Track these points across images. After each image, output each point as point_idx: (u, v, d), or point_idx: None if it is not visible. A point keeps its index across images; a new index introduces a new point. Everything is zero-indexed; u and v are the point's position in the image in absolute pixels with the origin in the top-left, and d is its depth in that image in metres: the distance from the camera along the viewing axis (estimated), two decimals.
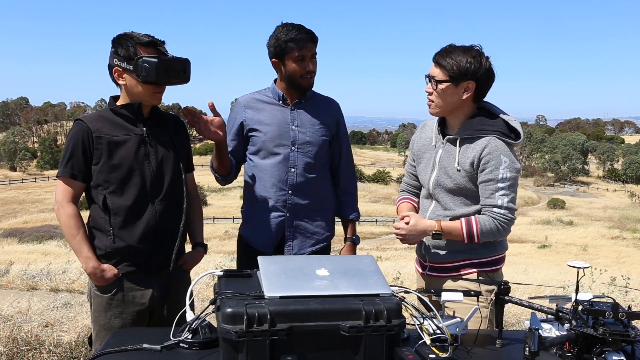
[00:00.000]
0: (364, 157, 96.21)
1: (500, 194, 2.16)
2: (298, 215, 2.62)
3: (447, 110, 2.26)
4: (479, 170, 2.19)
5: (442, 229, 2.20)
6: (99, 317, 2.25)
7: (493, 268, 2.27)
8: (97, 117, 2.24)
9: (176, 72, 2.17)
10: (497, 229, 2.17)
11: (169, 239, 2.28)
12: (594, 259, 25.60)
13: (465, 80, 2.18)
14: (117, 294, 2.23)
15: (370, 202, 53.75)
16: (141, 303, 2.25)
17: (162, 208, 2.25)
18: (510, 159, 2.17)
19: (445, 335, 1.61)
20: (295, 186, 2.58)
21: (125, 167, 2.20)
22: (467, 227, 2.18)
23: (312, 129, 2.60)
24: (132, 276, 2.24)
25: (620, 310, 1.53)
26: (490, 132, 2.19)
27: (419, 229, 2.23)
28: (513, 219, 2.20)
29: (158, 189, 2.25)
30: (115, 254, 2.22)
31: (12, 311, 4.71)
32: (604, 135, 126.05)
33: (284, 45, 2.48)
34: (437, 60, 2.21)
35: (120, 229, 2.21)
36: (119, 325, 2.22)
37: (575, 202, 63.79)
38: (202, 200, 34.57)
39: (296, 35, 2.46)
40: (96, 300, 2.26)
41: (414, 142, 2.48)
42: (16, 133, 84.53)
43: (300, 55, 2.48)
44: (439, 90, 2.21)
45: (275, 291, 1.55)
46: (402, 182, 2.61)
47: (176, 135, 2.35)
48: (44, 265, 9.67)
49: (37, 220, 38.71)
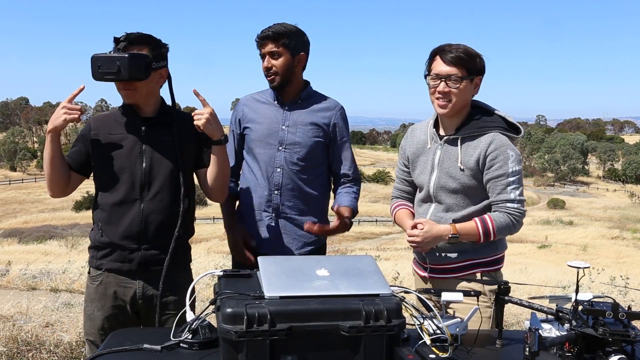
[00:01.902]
0: (364, 157, 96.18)
1: (512, 187, 2.17)
2: (284, 216, 2.58)
3: (459, 109, 2.24)
4: (485, 168, 2.18)
5: (457, 231, 2.17)
6: (87, 307, 2.32)
7: (495, 267, 2.27)
8: (104, 116, 2.35)
9: (111, 70, 2.11)
10: (512, 223, 2.17)
11: (158, 238, 2.25)
12: (594, 259, 25.58)
13: (477, 75, 2.21)
14: (100, 286, 2.28)
15: (370, 202, 53.72)
16: (121, 299, 2.27)
17: (152, 207, 2.24)
18: (515, 153, 2.18)
19: (445, 335, 1.62)
20: (280, 186, 2.56)
21: (116, 166, 2.24)
22: (483, 226, 2.17)
23: (302, 129, 2.56)
24: (115, 272, 2.27)
25: (620, 310, 1.53)
26: (492, 128, 2.19)
27: (434, 234, 2.18)
28: (525, 211, 2.21)
29: (148, 188, 2.25)
30: (102, 247, 2.27)
31: (12, 311, 4.72)
32: (604, 135, 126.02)
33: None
34: (449, 59, 2.17)
35: (106, 224, 2.26)
36: (101, 317, 2.27)
37: (575, 202, 63.77)
38: (202, 200, 34.79)
39: (258, 34, 2.53)
40: (87, 290, 2.34)
41: (404, 148, 2.45)
42: (16, 133, 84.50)
43: (261, 54, 2.55)
44: (461, 87, 2.18)
45: (275, 291, 1.55)
46: (394, 188, 2.56)
47: (183, 133, 2.30)
48: (44, 265, 9.66)
49: (37, 220, 38.66)
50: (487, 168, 2.18)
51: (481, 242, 2.19)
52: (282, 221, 2.60)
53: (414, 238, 2.20)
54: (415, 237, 2.19)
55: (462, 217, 2.23)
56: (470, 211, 2.23)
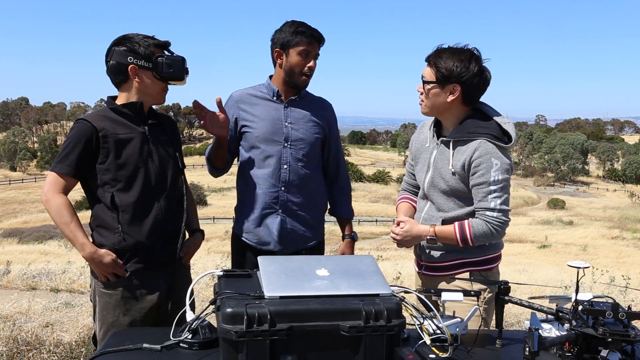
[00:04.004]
0: (364, 157, 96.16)
1: (493, 196, 2.17)
2: (290, 213, 2.61)
3: (436, 112, 2.28)
4: (470, 174, 2.20)
5: (436, 234, 2.22)
6: (107, 315, 2.25)
7: (486, 267, 2.28)
8: (99, 116, 2.26)
9: (186, 70, 2.30)
10: (490, 232, 2.18)
11: (173, 235, 2.33)
12: (594, 259, 25.59)
13: (450, 83, 2.19)
14: (125, 291, 2.24)
15: (370, 202, 53.75)
16: (150, 300, 2.27)
17: (167, 205, 2.30)
18: (501, 161, 2.17)
19: (445, 335, 1.62)
20: (287, 183, 2.59)
21: (132, 165, 2.23)
22: (461, 232, 2.19)
23: (305, 126, 2.61)
24: (139, 273, 2.26)
25: (620, 310, 1.53)
26: (481, 134, 2.19)
27: (414, 233, 2.28)
28: (507, 221, 2.20)
29: (162, 186, 2.29)
30: (124, 251, 2.23)
31: (12, 311, 4.72)
32: (604, 135, 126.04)
33: (292, 37, 2.51)
34: (428, 60, 2.24)
35: (129, 225, 2.23)
36: (127, 322, 2.23)
37: (575, 202, 63.78)
38: (202, 200, 34.33)
39: (307, 30, 2.52)
40: (103, 299, 2.26)
41: (412, 142, 2.50)
42: (16, 133, 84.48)
43: (306, 50, 2.51)
44: (426, 90, 2.24)
45: (275, 291, 1.55)
46: (403, 181, 2.63)
47: (172, 134, 2.43)
48: (44, 265, 9.65)
49: (37, 220, 38.67)
50: (471, 174, 2.20)
51: (460, 246, 2.22)
52: (288, 217, 2.61)
53: (394, 235, 2.32)
54: (395, 235, 2.31)
55: (452, 218, 2.26)
56: (460, 213, 2.25)
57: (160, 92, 2.30)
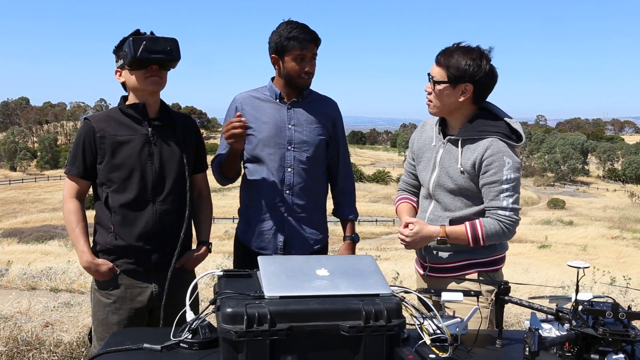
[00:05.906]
0: (364, 157, 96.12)
1: (505, 195, 2.15)
2: (295, 216, 2.59)
3: (445, 111, 2.25)
4: (481, 172, 2.17)
5: (447, 234, 2.18)
6: (97, 312, 2.27)
7: (493, 268, 2.27)
8: (104, 116, 2.28)
9: (159, 49, 2.13)
10: (502, 231, 2.16)
11: (170, 239, 2.28)
12: (594, 259, 25.59)
13: (463, 83, 2.16)
14: (115, 290, 2.25)
15: (370, 202, 53.75)
16: (139, 301, 2.26)
17: (164, 208, 2.26)
18: (513, 160, 2.15)
19: (445, 335, 1.62)
20: (292, 186, 2.56)
21: (127, 167, 2.21)
22: (472, 231, 2.17)
23: (308, 128, 2.57)
24: (131, 273, 2.26)
25: (620, 310, 1.53)
26: (492, 133, 2.17)
27: (424, 234, 2.21)
28: (518, 220, 2.19)
29: (160, 189, 2.26)
30: (115, 251, 2.24)
31: (12, 311, 4.71)
32: (604, 135, 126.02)
33: (285, 43, 2.45)
34: (438, 60, 2.20)
35: (120, 226, 2.23)
36: (116, 321, 2.24)
37: (575, 202, 63.77)
38: None
39: (299, 34, 2.45)
40: (96, 295, 2.29)
41: (413, 141, 2.46)
42: (16, 133, 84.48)
43: (301, 54, 2.46)
44: (437, 90, 2.20)
45: (275, 291, 1.55)
46: (401, 181, 2.59)
47: (186, 135, 2.35)
48: (44, 265, 9.66)
49: (37, 220, 38.69)
50: (482, 173, 2.18)
51: (471, 246, 2.19)
52: (293, 221, 2.59)
53: (403, 237, 2.25)
54: (404, 237, 2.24)
55: (460, 218, 2.23)
56: (468, 213, 2.23)
57: (142, 82, 2.18)
